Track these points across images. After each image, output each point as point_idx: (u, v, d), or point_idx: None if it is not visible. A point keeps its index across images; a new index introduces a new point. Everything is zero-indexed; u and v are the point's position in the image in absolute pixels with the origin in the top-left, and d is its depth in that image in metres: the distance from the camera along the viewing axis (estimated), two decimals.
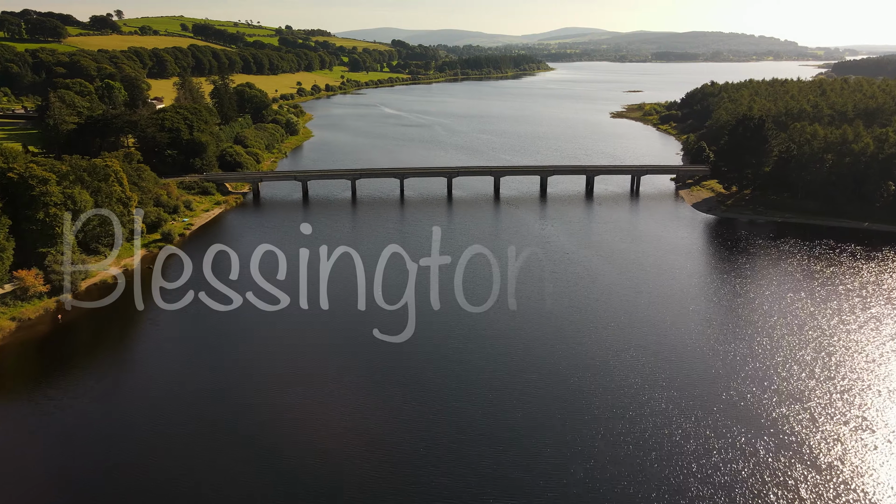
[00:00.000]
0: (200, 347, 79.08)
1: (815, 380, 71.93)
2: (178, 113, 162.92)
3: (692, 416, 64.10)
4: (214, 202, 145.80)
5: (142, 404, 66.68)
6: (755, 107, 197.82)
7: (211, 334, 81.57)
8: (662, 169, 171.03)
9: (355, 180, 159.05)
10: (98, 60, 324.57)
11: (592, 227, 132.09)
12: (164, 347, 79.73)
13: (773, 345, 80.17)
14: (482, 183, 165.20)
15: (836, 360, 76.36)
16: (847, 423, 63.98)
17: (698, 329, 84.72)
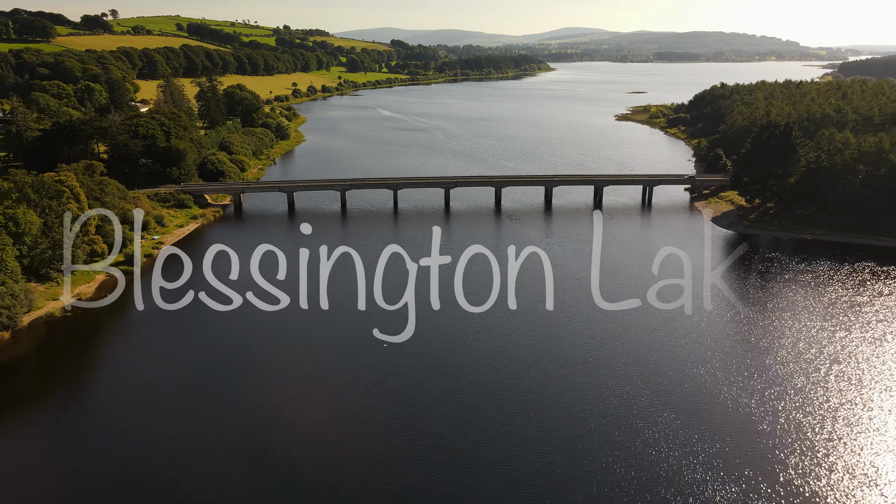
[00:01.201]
0: (200, 347, 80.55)
1: (860, 452, 60.05)
2: (153, 118, 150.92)
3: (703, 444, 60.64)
4: (190, 216, 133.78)
5: (141, 405, 67.37)
6: (773, 111, 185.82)
7: (211, 334, 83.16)
8: (676, 179, 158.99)
9: (345, 191, 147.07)
10: (84, 61, 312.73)
11: (603, 247, 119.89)
12: (164, 348, 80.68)
13: (805, 390, 68.18)
14: (482, 194, 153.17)
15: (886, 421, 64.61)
16: None
17: (719, 364, 72.78)
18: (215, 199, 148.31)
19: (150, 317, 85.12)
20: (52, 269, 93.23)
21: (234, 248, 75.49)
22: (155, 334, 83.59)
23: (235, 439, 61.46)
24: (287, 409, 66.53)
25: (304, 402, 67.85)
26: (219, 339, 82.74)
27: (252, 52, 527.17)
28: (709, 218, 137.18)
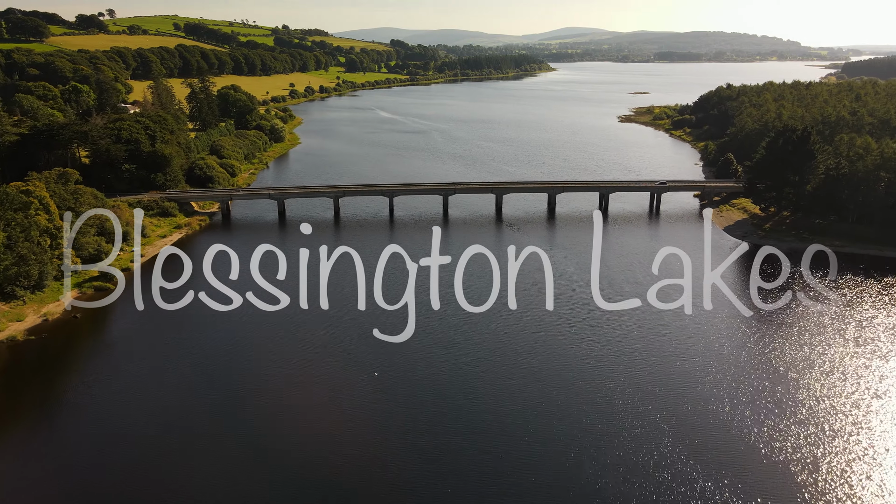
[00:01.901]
0: (200, 347, 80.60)
1: None
2: (138, 122, 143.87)
3: None
4: (174, 225, 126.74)
5: (140, 407, 67.07)
6: (785, 113, 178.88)
7: (211, 334, 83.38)
8: (685, 185, 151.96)
9: (338, 198, 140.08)
10: (75, 61, 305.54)
11: (611, 260, 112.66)
12: (163, 348, 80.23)
13: (829, 428, 61.27)
14: (483, 201, 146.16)
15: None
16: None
17: (730, 393, 65.89)
18: (202, 207, 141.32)
19: (133, 333, 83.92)
20: (17, 286, 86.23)
21: (219, 258, 72.83)
22: (140, 351, 79.09)
23: (236, 439, 61.76)
24: (287, 409, 66.69)
25: (304, 401, 68.09)
26: (218, 339, 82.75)
27: (249, 52, 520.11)
28: (721, 227, 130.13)
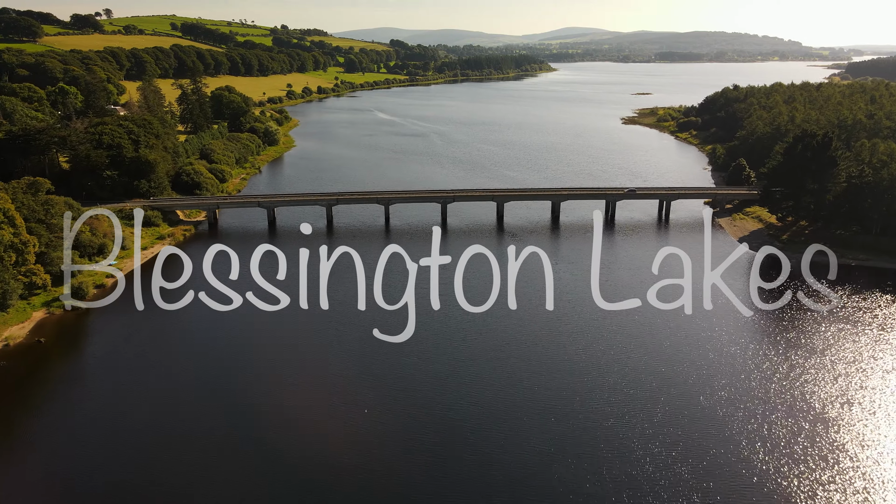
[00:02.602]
0: (200, 348, 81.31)
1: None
2: (120, 126, 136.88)
3: None
4: (157, 236, 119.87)
5: (139, 407, 67.18)
6: (798, 116, 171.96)
7: (211, 334, 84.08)
8: (696, 192, 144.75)
9: (332, 207, 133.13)
10: (67, 62, 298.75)
11: (619, 275, 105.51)
12: (162, 348, 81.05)
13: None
14: (483, 209, 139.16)
15: None
16: None
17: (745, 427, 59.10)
18: (188, 216, 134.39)
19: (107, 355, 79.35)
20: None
21: (199, 273, 71.45)
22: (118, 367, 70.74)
23: (235, 439, 61.71)
24: (287, 409, 66.65)
25: (304, 401, 67.98)
26: (218, 339, 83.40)
27: (246, 52, 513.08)
28: (736, 238, 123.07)
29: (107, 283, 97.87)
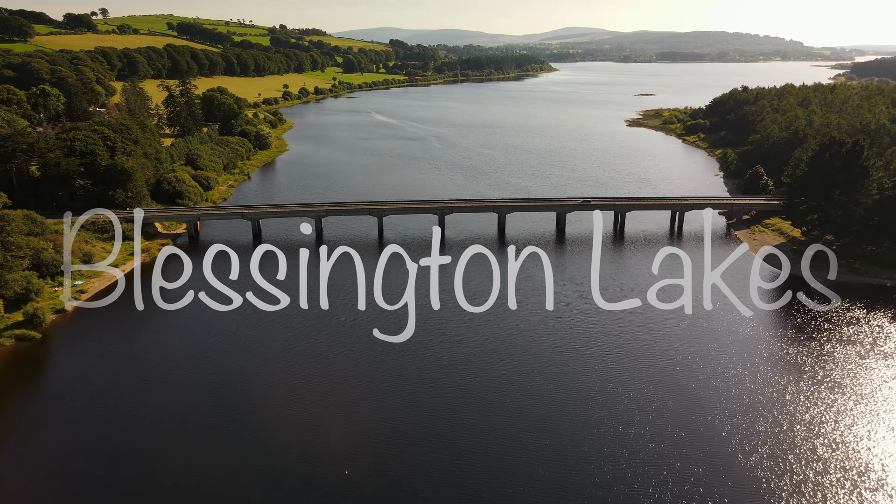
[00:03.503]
0: (200, 348, 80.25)
1: None
2: (95, 131, 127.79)
3: None
4: (130, 251, 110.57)
5: (140, 406, 66.30)
6: (815, 120, 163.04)
7: (211, 334, 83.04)
8: (710, 202, 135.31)
9: (321, 218, 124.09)
10: (55, 62, 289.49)
11: (628, 294, 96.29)
12: (162, 347, 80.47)
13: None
14: (483, 221, 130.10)
15: None
16: None
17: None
18: (167, 228, 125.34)
19: None
20: None
21: (171, 295, 68.95)
22: None
23: (234, 439, 61.27)
24: (286, 409, 66.10)
25: (304, 401, 67.44)
26: (218, 339, 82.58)
27: (242, 52, 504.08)
28: (756, 253, 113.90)
29: (67, 308, 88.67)
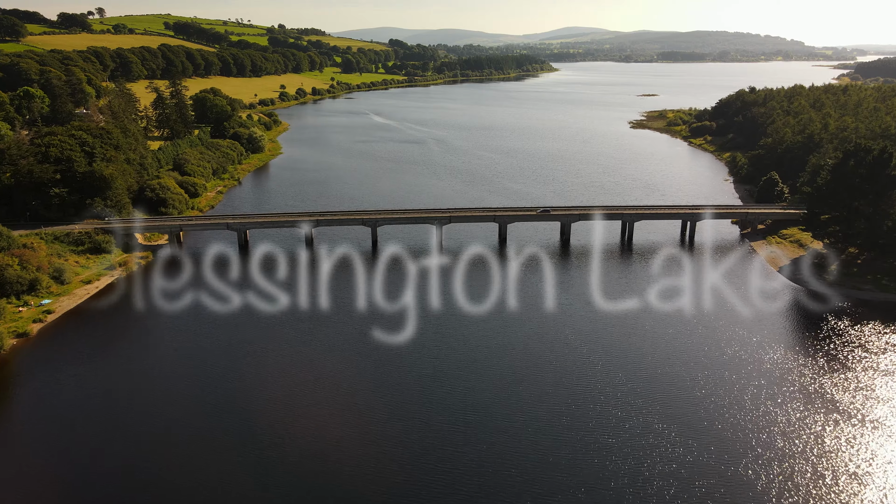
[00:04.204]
0: (199, 348, 77.84)
1: None
2: (72, 136, 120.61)
3: None
4: (107, 265, 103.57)
5: (140, 405, 65.20)
6: (831, 123, 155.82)
7: (210, 334, 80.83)
8: (724, 211, 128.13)
9: (312, 229, 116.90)
10: (45, 62, 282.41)
11: (638, 318, 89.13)
12: (162, 348, 78.32)
13: None
14: (483, 231, 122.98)
15: None
16: None
17: None
18: (149, 239, 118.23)
19: None
20: None
21: (152, 316, 70.42)
22: None
23: (234, 440, 60.25)
24: (286, 409, 64.95)
25: (304, 401, 66.26)
26: (218, 339, 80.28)
27: (239, 52, 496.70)
28: (776, 268, 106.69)
29: (32, 329, 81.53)
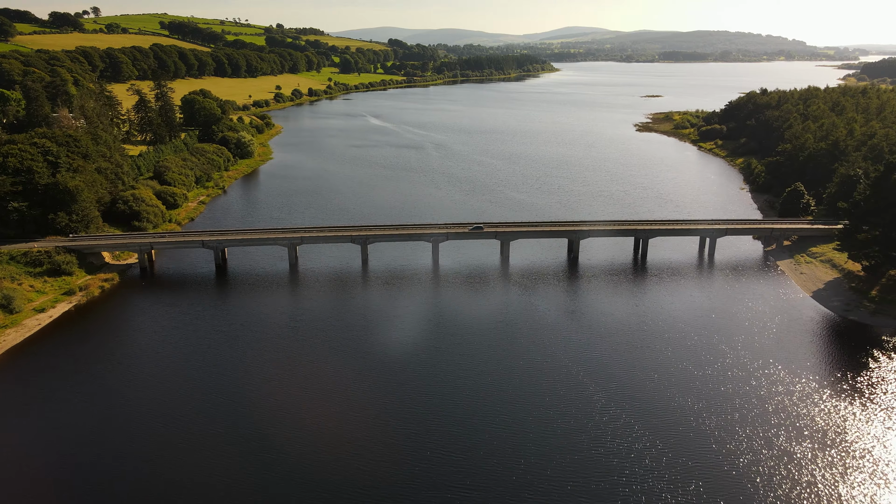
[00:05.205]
0: (199, 349, 76.03)
1: None
2: (34, 145, 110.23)
3: None
4: (65, 290, 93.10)
5: (140, 405, 64.40)
6: (857, 129, 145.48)
7: (209, 335, 79.08)
8: (747, 227, 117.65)
9: (296, 247, 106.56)
10: (30, 63, 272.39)
11: (655, 350, 78.77)
12: (163, 348, 76.31)
13: None
14: (484, 249, 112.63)
15: None
16: None
17: None
18: (118, 258, 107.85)
19: None
20: None
21: (109, 351, 67.45)
22: None
23: (233, 440, 59.09)
24: (285, 409, 63.69)
25: (302, 402, 65.18)
26: (217, 340, 79.94)
27: (234, 51, 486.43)
28: (809, 293, 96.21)
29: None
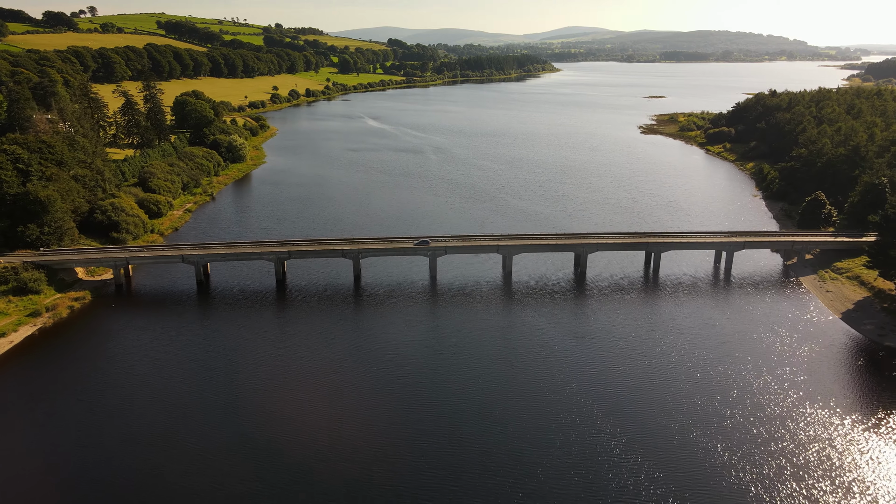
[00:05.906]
0: (199, 350, 75.98)
1: None
2: (3, 152, 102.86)
3: None
4: (30, 311, 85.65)
5: (95, 453, 58.35)
6: (878, 134, 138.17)
7: (183, 365, 73.62)
8: (766, 240, 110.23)
9: (283, 262, 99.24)
10: (19, 63, 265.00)
11: (672, 384, 71.36)
12: (127, 381, 70.49)
13: None
14: (485, 264, 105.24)
15: None
16: None
17: None
18: (91, 274, 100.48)
19: None
20: None
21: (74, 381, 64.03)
22: None
23: (233, 440, 58.63)
24: (286, 409, 62.88)
25: (303, 402, 64.44)
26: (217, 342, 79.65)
27: (230, 51, 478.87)
28: (837, 314, 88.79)
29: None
